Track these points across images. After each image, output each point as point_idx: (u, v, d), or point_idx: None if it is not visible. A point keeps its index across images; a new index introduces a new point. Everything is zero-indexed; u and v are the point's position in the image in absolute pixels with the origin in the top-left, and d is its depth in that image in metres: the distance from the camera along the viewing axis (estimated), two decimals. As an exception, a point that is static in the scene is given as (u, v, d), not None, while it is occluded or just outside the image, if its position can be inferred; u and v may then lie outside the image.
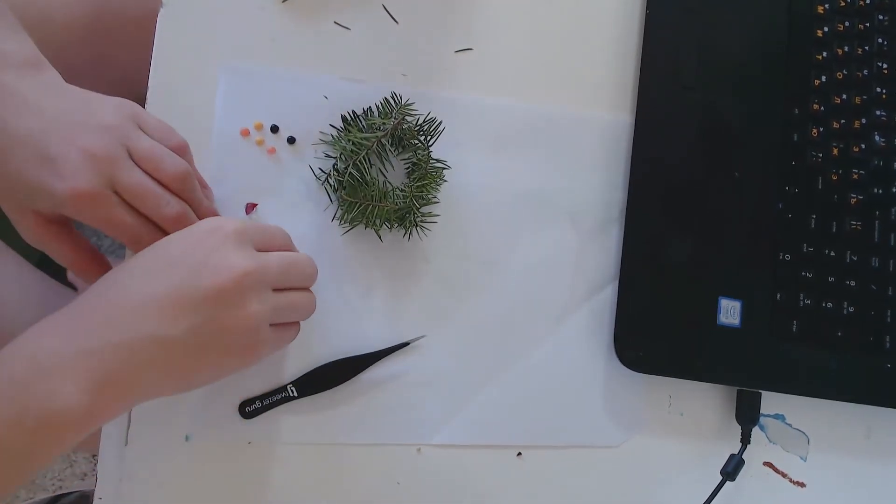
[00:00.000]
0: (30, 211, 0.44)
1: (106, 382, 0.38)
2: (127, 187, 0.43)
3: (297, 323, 0.48)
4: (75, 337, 0.39)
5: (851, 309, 0.55)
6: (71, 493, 1.03)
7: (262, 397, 0.50)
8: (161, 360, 0.40)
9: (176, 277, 0.40)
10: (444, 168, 0.53)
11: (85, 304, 0.41)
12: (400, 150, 0.52)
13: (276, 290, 0.43)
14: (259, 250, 0.43)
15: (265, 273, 0.42)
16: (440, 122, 0.52)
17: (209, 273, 0.40)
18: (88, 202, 0.42)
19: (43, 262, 0.68)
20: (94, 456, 1.04)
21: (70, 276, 0.96)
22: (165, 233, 0.45)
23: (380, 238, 0.52)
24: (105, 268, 0.48)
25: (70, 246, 0.46)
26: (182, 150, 0.47)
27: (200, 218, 0.47)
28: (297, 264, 0.45)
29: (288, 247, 0.47)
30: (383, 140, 0.50)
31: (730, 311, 0.54)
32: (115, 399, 0.39)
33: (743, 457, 0.52)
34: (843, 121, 0.57)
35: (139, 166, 0.44)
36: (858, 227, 0.56)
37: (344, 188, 0.50)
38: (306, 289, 0.47)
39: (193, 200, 0.46)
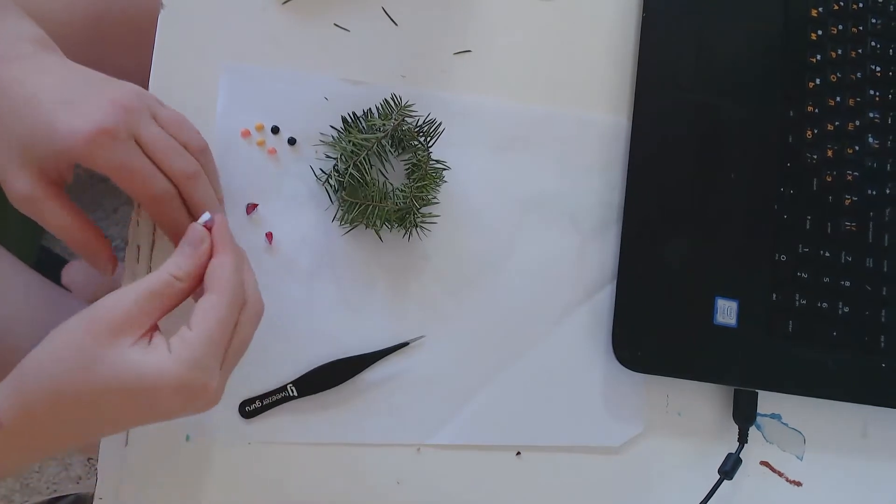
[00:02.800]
0: (28, 164, 0.41)
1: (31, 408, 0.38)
2: (148, 138, 0.43)
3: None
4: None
5: (847, 309, 0.55)
6: (66, 496, 1.02)
7: (261, 397, 0.50)
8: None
9: None
10: (444, 169, 0.53)
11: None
12: (400, 150, 0.53)
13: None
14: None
15: None
16: (440, 123, 0.52)
17: None
18: (107, 140, 0.40)
19: (39, 266, 0.68)
20: (89, 459, 1.04)
21: (65, 278, 0.96)
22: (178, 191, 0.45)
23: (380, 238, 0.53)
24: (100, 237, 0.46)
25: (66, 210, 0.44)
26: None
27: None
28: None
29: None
30: (383, 141, 0.51)
31: (726, 311, 0.54)
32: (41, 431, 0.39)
33: (740, 456, 0.53)
34: (837, 123, 0.58)
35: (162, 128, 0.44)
36: (853, 228, 0.56)
37: (344, 189, 0.50)
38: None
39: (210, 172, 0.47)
